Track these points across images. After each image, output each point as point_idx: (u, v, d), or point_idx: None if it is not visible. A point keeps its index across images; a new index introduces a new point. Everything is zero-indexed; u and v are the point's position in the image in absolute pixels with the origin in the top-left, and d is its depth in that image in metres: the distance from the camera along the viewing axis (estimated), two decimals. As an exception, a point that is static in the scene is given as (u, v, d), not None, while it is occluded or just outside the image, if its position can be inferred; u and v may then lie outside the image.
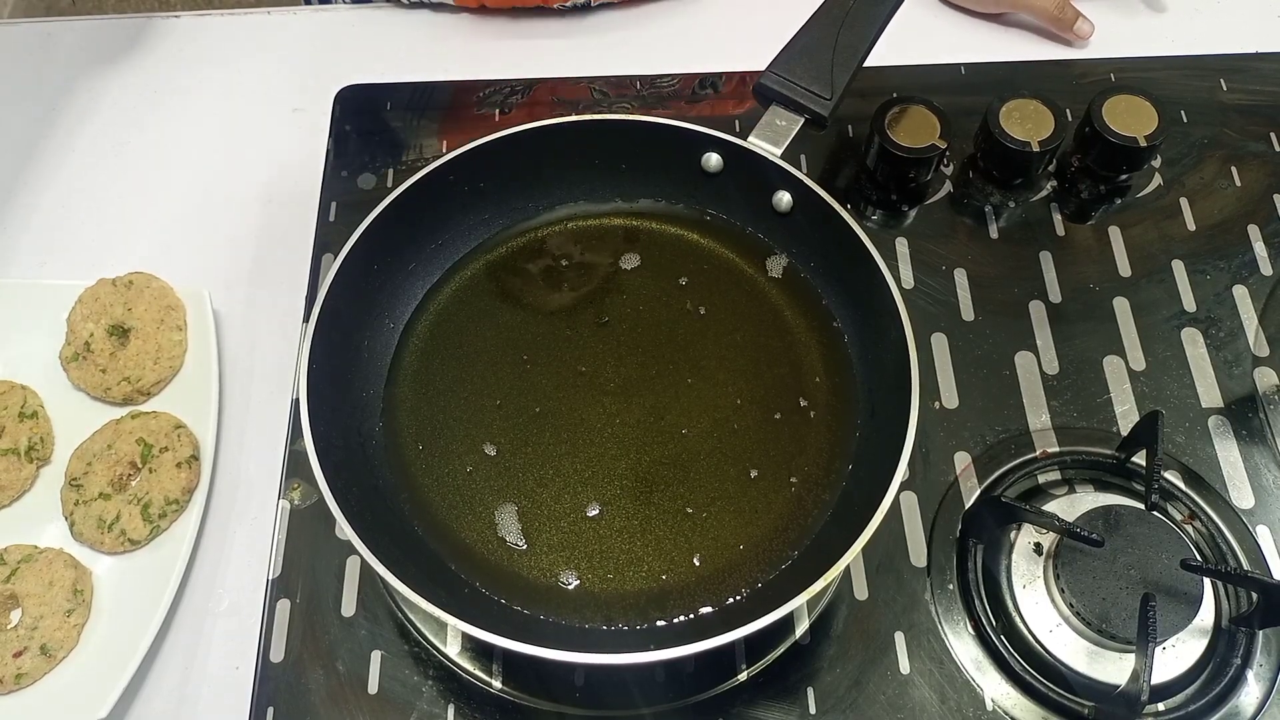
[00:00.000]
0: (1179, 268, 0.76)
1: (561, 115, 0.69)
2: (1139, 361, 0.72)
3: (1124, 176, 0.79)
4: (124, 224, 0.80)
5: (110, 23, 0.91)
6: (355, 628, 0.63)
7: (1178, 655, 0.61)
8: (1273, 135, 0.82)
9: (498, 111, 0.84)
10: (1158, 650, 0.57)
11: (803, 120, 0.68)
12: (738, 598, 0.60)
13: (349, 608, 0.64)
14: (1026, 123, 0.77)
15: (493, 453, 0.65)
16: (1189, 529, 0.66)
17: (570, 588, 0.61)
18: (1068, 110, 0.77)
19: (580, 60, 0.87)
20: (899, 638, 0.63)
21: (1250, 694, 0.61)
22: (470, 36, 0.89)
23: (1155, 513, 0.62)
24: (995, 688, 0.61)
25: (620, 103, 0.84)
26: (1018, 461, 0.68)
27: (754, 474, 0.64)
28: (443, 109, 0.84)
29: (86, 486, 0.66)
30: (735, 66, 0.85)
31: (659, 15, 0.90)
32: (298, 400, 0.58)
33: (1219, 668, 0.61)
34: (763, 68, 0.68)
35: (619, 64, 0.86)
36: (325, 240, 0.76)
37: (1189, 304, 0.75)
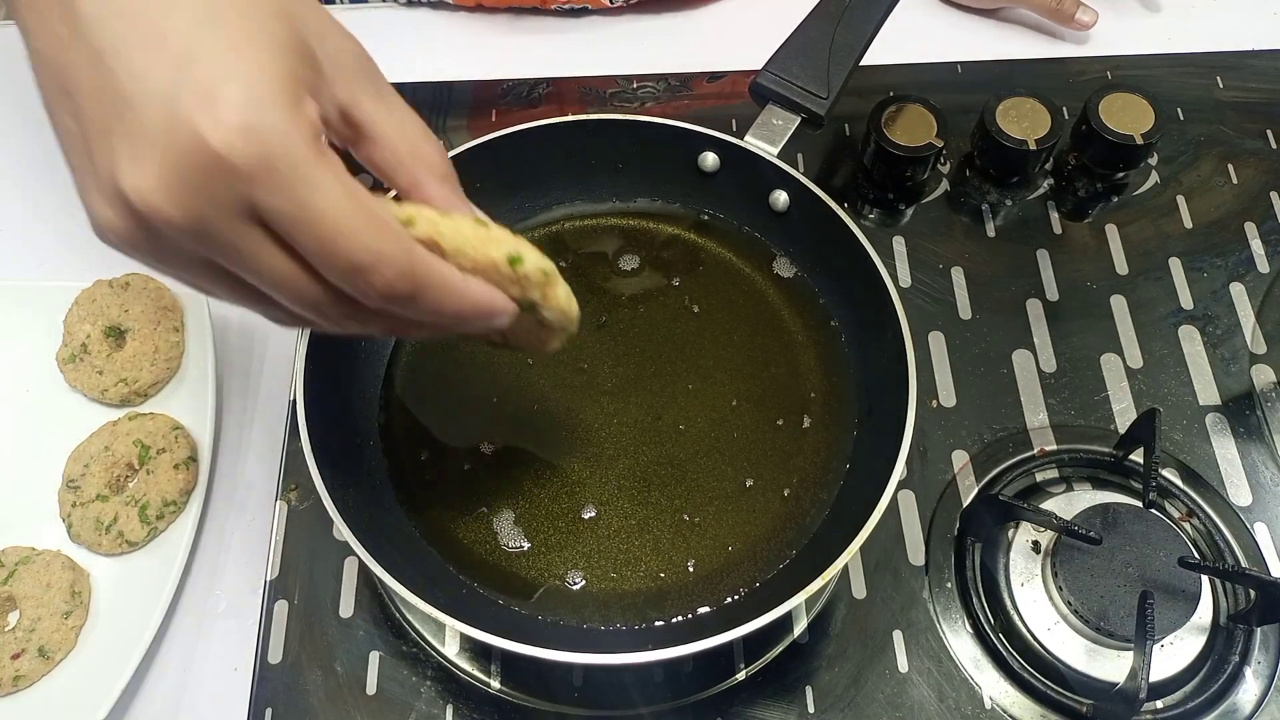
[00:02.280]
0: (1176, 265, 0.76)
1: (555, 115, 0.69)
2: (1136, 359, 0.72)
3: (1121, 174, 0.80)
4: (120, 225, 0.80)
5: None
6: (353, 628, 0.63)
7: (1176, 653, 0.61)
8: (1269, 132, 0.82)
9: (494, 111, 0.84)
10: (1156, 648, 0.57)
11: (799, 119, 0.68)
12: (736, 597, 0.60)
13: (347, 609, 0.64)
14: (1023, 121, 0.77)
15: (490, 452, 0.65)
16: (1187, 526, 0.66)
17: (570, 588, 0.61)
18: (1064, 108, 0.77)
19: (575, 61, 0.87)
20: (897, 636, 0.63)
21: (1248, 691, 0.61)
22: (468, 36, 0.89)
23: (1153, 510, 0.62)
24: (993, 686, 0.61)
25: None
26: (1015, 460, 0.68)
27: (751, 473, 0.64)
28: (440, 108, 0.84)
29: (84, 488, 0.66)
30: (731, 65, 0.85)
31: (654, 16, 0.90)
32: (294, 401, 0.58)
33: (1217, 665, 0.61)
34: (759, 67, 0.68)
35: (614, 64, 0.86)
36: (322, 241, 0.76)
37: (1186, 302, 0.75)
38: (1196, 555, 0.61)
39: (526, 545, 0.62)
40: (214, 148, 0.31)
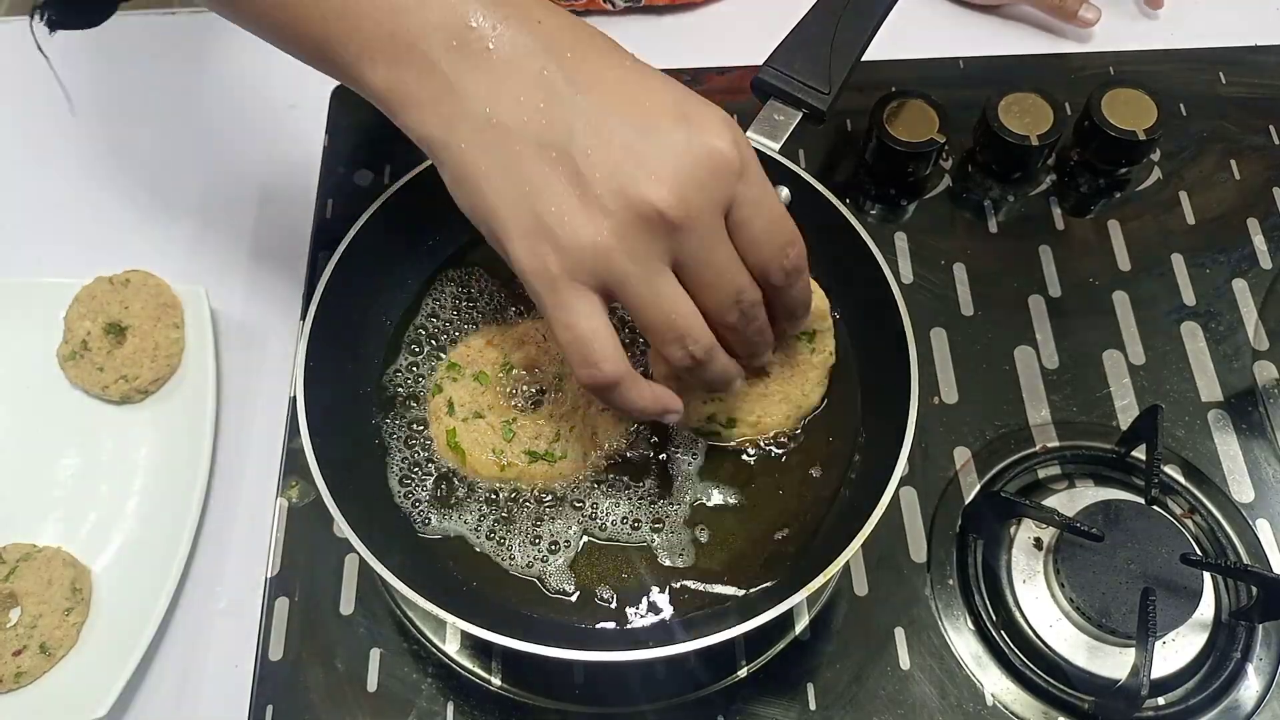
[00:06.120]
0: (1178, 261, 0.76)
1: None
2: (1138, 356, 0.72)
3: (1123, 170, 0.79)
4: (120, 221, 0.80)
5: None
6: (354, 626, 0.63)
7: (1178, 650, 0.61)
8: (1272, 128, 0.82)
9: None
10: (1158, 645, 0.57)
11: (801, 114, 0.67)
12: (737, 594, 0.60)
13: (347, 606, 0.64)
14: (1025, 117, 0.76)
15: (491, 450, 0.65)
16: (1189, 523, 0.66)
17: (568, 585, 0.61)
18: (1066, 104, 0.77)
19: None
20: (899, 633, 0.63)
21: (1250, 688, 0.61)
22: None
23: (1155, 507, 0.62)
24: (995, 683, 0.61)
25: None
26: (1017, 456, 0.68)
27: (749, 467, 0.64)
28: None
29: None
30: (732, 62, 0.85)
31: (656, 17, 0.90)
32: (295, 398, 0.58)
33: (1219, 662, 0.61)
34: (760, 62, 0.68)
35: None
36: (322, 237, 0.76)
37: (1188, 298, 0.75)
38: (1199, 552, 0.61)
39: (538, 553, 0.62)
40: (725, 152, 0.47)
